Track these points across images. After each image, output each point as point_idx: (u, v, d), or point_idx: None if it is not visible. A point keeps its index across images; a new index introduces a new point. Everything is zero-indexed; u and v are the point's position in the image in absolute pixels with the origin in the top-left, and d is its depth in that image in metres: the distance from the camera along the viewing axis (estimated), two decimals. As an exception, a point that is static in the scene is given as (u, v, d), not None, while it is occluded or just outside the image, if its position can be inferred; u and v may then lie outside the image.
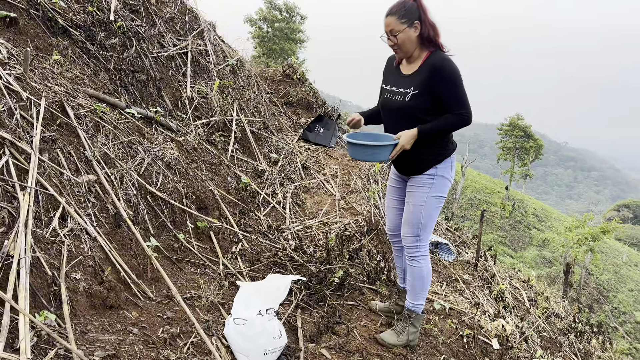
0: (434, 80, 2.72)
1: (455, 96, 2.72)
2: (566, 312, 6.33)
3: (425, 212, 2.93)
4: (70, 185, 2.93)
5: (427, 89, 2.74)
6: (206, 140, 4.87)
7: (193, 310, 2.88)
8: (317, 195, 5.53)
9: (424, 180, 2.92)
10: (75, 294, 2.50)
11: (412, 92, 2.78)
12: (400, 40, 2.73)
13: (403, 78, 2.87)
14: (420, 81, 2.76)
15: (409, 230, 2.99)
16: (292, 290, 3.40)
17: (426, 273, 3.04)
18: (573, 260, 26.45)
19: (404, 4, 2.71)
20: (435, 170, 2.90)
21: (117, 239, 3.00)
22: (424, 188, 2.92)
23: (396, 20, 2.70)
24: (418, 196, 2.94)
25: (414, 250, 3.01)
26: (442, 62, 2.72)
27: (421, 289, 3.08)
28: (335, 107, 8.85)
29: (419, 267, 3.02)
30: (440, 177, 2.92)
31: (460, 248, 6.31)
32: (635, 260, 41.49)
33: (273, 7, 34.52)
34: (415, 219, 2.95)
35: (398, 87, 2.87)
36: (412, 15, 2.70)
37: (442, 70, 2.70)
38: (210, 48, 5.80)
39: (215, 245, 3.76)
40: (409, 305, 3.15)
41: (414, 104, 2.79)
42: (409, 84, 2.81)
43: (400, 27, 2.70)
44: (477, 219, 36.64)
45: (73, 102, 3.41)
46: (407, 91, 2.80)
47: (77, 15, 4.24)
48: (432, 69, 2.72)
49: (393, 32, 2.72)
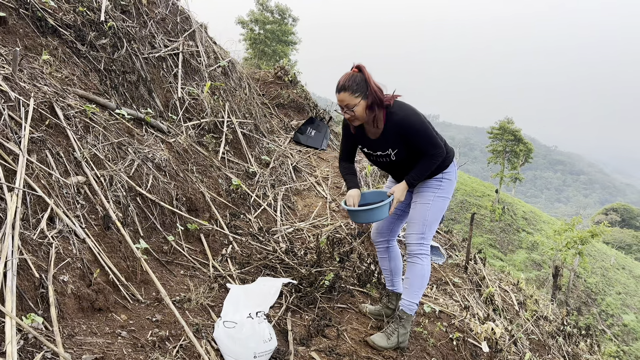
0: (406, 137, 2.88)
1: (426, 142, 2.88)
2: (555, 315, 6.38)
3: (432, 210, 3.05)
4: (59, 187, 2.90)
5: (403, 144, 2.92)
6: (197, 141, 4.85)
7: (182, 313, 2.86)
8: (308, 197, 5.53)
9: (432, 183, 3.08)
10: (63, 296, 2.47)
11: (393, 152, 2.97)
12: (358, 112, 2.83)
13: (375, 142, 3.00)
14: (393, 141, 2.93)
15: (414, 228, 3.07)
16: (283, 293, 3.39)
17: (427, 272, 3.10)
18: (562, 264, 26.66)
19: (352, 78, 2.79)
20: (442, 175, 3.08)
21: (106, 241, 2.97)
22: (432, 189, 3.07)
23: (350, 96, 2.78)
24: (425, 196, 3.07)
25: (417, 248, 3.07)
26: (403, 120, 2.84)
27: (419, 287, 3.13)
28: (326, 109, 8.86)
29: (420, 264, 3.08)
30: (447, 180, 3.09)
31: (451, 251, 6.33)
32: (623, 264, 41.91)
33: (265, 9, 34.51)
34: (422, 217, 3.05)
35: (376, 151, 3.03)
36: (363, 88, 2.80)
37: (408, 127, 2.85)
38: (202, 49, 5.78)
39: (206, 247, 3.75)
40: (404, 304, 3.16)
41: (400, 159, 3.00)
42: (386, 146, 2.97)
43: (355, 101, 2.79)
44: (467, 221, 36.81)
45: (62, 103, 3.38)
46: (387, 153, 2.99)
47: (67, 15, 4.21)
48: (400, 128, 2.87)
49: (349, 106, 2.81)
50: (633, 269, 41.84)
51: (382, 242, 3.37)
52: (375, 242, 3.42)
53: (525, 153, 46.02)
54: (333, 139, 7.96)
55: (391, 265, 3.40)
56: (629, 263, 43.43)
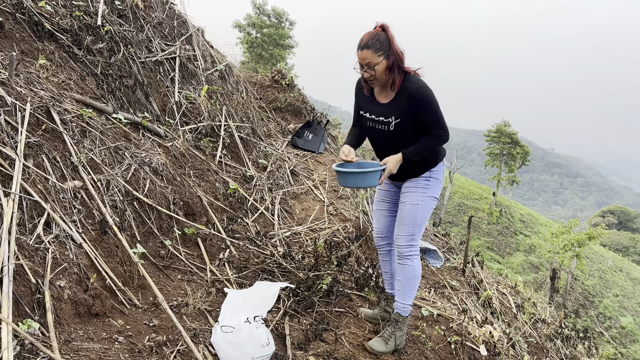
0: (414, 108, 2.83)
1: (434, 120, 2.85)
2: (553, 317, 6.38)
3: (421, 211, 3.03)
4: (55, 192, 2.90)
5: (408, 116, 2.86)
6: (194, 145, 4.85)
7: (180, 317, 2.85)
8: (306, 201, 5.52)
9: (420, 182, 3.05)
10: (60, 302, 2.46)
11: (394, 121, 2.90)
12: (378, 72, 2.78)
13: (381, 107, 2.95)
14: (400, 110, 2.86)
15: (404, 230, 3.05)
16: (280, 297, 3.39)
17: (418, 272, 3.10)
18: (559, 266, 26.69)
19: (376, 36, 2.75)
20: (430, 173, 3.05)
21: (103, 245, 2.97)
22: (421, 189, 3.04)
23: (372, 54, 2.73)
24: (415, 196, 3.03)
25: (407, 250, 3.05)
26: (419, 89, 2.81)
27: (412, 288, 3.13)
28: (324, 113, 8.86)
29: (412, 265, 3.07)
30: (435, 179, 3.07)
31: (448, 254, 6.33)
32: (620, 266, 41.99)
33: (262, 13, 34.55)
34: (412, 217, 3.02)
35: (378, 116, 2.95)
36: (386, 47, 2.75)
37: (421, 98, 2.81)
38: (199, 53, 5.78)
39: (203, 251, 3.74)
40: (398, 307, 3.17)
41: (398, 131, 2.92)
42: (390, 113, 2.90)
43: (377, 60, 2.75)
44: (464, 224, 36.85)
45: (59, 107, 3.37)
46: (389, 120, 2.91)
47: (63, 19, 4.21)
48: (410, 98, 2.82)
49: (370, 64, 2.76)
50: (630, 271, 41.91)
51: (385, 245, 3.36)
52: (378, 246, 3.41)
53: (522, 156, 46.10)
54: (330, 143, 7.96)
55: (392, 268, 3.40)
56: (626, 265, 43.51)
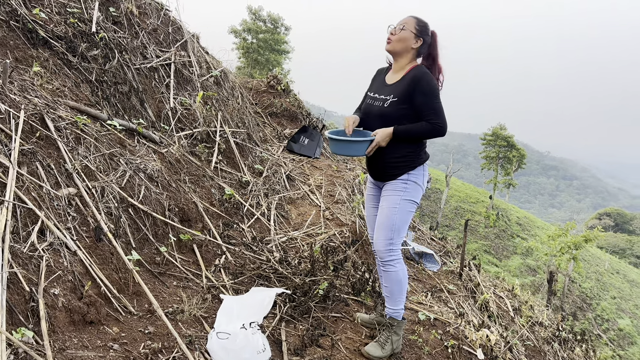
0: (413, 90, 2.88)
1: (431, 106, 2.88)
2: (550, 320, 6.37)
3: (399, 214, 2.99)
4: (49, 199, 2.89)
5: (406, 98, 2.91)
6: (189, 151, 4.84)
7: (175, 324, 2.84)
8: (302, 206, 5.52)
9: (398, 185, 3.02)
10: (54, 309, 2.45)
11: (391, 99, 2.96)
12: (401, 35, 2.92)
13: (386, 86, 3.04)
14: (400, 90, 2.93)
15: (382, 234, 3.02)
16: (277, 303, 3.38)
17: (402, 276, 3.07)
18: (556, 269, 26.72)
19: (426, 24, 2.97)
20: (408, 176, 3.01)
21: (97, 253, 2.95)
22: (398, 192, 3.01)
23: (414, 23, 2.93)
24: (392, 199, 3.01)
25: (387, 255, 3.02)
26: (423, 75, 2.89)
27: (399, 292, 3.11)
28: (319, 118, 8.87)
29: (394, 270, 3.04)
30: (413, 182, 3.02)
31: (445, 258, 6.33)
32: (617, 268, 42.07)
33: (257, 18, 34.65)
34: (390, 221, 2.99)
35: (380, 94, 3.04)
36: (425, 35, 2.95)
37: (422, 82, 2.87)
38: (194, 59, 5.78)
39: (198, 258, 3.73)
40: (390, 313, 3.16)
41: (391, 111, 2.95)
42: (390, 92, 2.98)
43: (411, 28, 2.92)
44: (461, 228, 36.89)
45: (53, 114, 3.36)
46: (386, 98, 2.98)
47: (58, 26, 4.21)
48: (412, 81, 2.90)
49: (403, 25, 2.92)
50: (627, 273, 42.01)
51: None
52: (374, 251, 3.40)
53: (518, 159, 46.24)
54: (326, 147, 7.96)
55: None
56: (623, 267, 43.61)
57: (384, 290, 3.18)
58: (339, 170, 6.88)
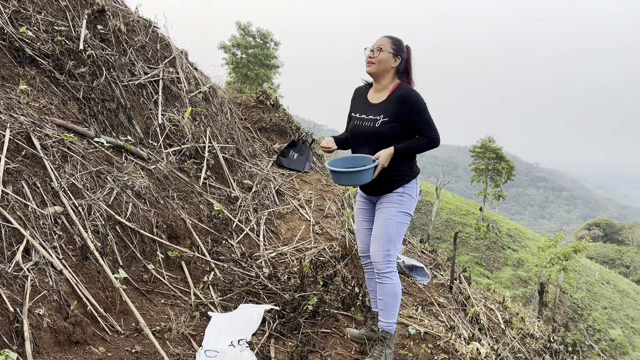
0: (404, 110, 2.96)
1: (425, 122, 2.98)
2: (541, 332, 6.37)
3: (394, 226, 3.04)
4: (35, 218, 2.86)
5: (398, 117, 2.97)
6: (178, 167, 4.83)
7: (163, 343, 2.81)
8: (292, 220, 5.51)
9: (394, 197, 3.07)
10: (39, 330, 2.42)
11: (382, 119, 2.99)
12: (380, 57, 2.99)
13: (372, 107, 3.08)
14: (391, 110, 2.98)
15: (379, 247, 3.05)
16: (265, 320, 3.35)
17: (398, 289, 3.10)
18: (547, 280, 26.80)
19: (400, 41, 3.05)
20: (403, 189, 3.08)
21: (84, 271, 2.93)
22: (394, 204, 3.06)
23: (390, 43, 3.00)
24: (387, 212, 3.06)
25: (384, 267, 3.05)
26: (409, 93, 2.98)
27: (394, 306, 3.12)
28: (309, 132, 8.90)
29: (391, 283, 3.06)
30: (408, 195, 3.09)
31: (435, 271, 6.33)
32: (607, 278, 42.29)
33: (247, 34, 34.84)
34: (386, 233, 3.04)
35: (367, 115, 3.07)
36: (402, 52, 3.03)
37: (411, 101, 2.96)
38: (182, 76, 5.80)
39: (187, 275, 3.70)
40: (383, 326, 3.15)
41: (383, 130, 3.00)
42: (379, 112, 3.02)
43: (387, 49, 2.99)
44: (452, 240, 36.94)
45: (39, 132, 3.35)
46: (377, 118, 3.01)
47: (45, 44, 4.21)
48: (401, 101, 2.97)
49: (380, 47, 2.99)
50: (617, 283, 42.23)
51: (370, 263, 3.33)
52: (364, 264, 3.41)
53: (507, 170, 46.56)
54: (316, 162, 7.98)
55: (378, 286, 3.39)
56: (613, 277, 43.85)
57: (378, 303, 3.17)
58: (329, 185, 6.89)
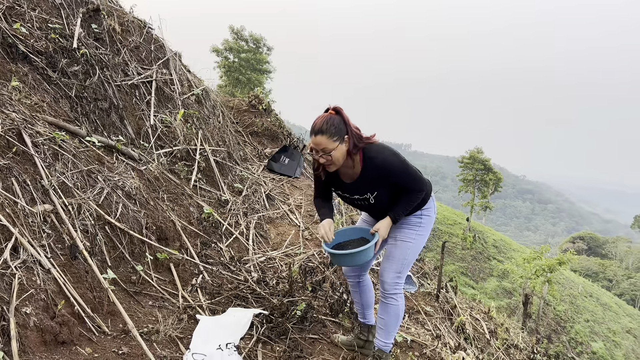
0: (388, 178, 2.76)
1: (411, 180, 2.79)
2: (525, 343, 6.42)
3: (412, 249, 2.94)
4: (24, 215, 2.83)
5: (385, 186, 2.80)
6: (169, 169, 4.81)
7: (150, 345, 2.79)
8: (281, 225, 5.51)
9: (413, 220, 2.95)
10: (25, 329, 2.39)
11: (372, 195, 2.83)
12: (335, 157, 2.66)
13: (352, 185, 2.86)
14: (372, 185, 2.79)
15: (393, 267, 2.94)
16: (254, 324, 3.35)
17: (401, 311, 3.02)
18: (531, 291, 26.99)
19: (331, 120, 2.63)
20: (422, 212, 2.96)
21: (72, 271, 2.90)
22: (414, 227, 2.95)
23: (328, 139, 2.61)
24: (407, 233, 2.94)
25: (393, 288, 2.95)
26: (385, 161, 2.73)
27: (394, 326, 3.06)
28: (300, 138, 8.92)
29: (396, 305, 2.98)
30: (427, 216, 2.99)
31: (422, 279, 6.36)
32: (590, 291, 42.70)
33: (239, 38, 34.84)
34: (402, 254, 2.93)
35: (353, 194, 2.88)
36: (342, 131, 2.65)
37: (391, 168, 2.74)
38: (176, 77, 5.79)
39: (175, 277, 3.68)
40: (380, 345, 3.11)
41: (379, 201, 2.85)
42: (364, 190, 2.83)
43: (333, 145, 2.63)
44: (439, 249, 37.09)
45: (31, 130, 3.32)
46: (366, 196, 2.84)
47: (38, 41, 4.18)
48: (379, 172, 2.74)
49: (326, 150, 2.64)
50: (600, 296, 42.65)
51: (354, 276, 3.26)
52: (348, 277, 3.31)
53: (494, 182, 46.94)
54: (307, 167, 8.00)
55: (363, 300, 3.31)
56: (595, 291, 44.28)
57: (378, 321, 3.11)
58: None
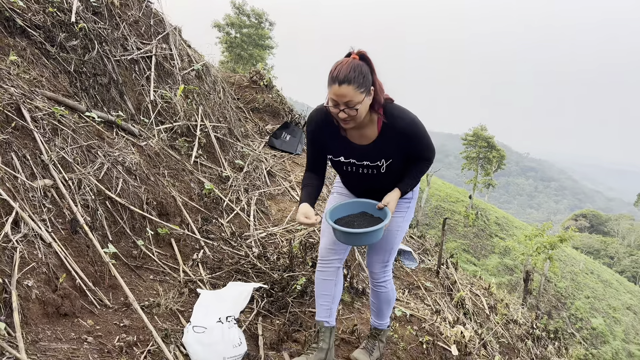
0: (409, 143, 2.46)
1: (428, 147, 2.54)
2: (525, 318, 6.49)
3: (398, 237, 2.79)
4: (24, 190, 2.85)
5: (402, 154, 2.50)
6: (169, 145, 4.81)
7: (151, 318, 2.83)
8: (282, 202, 5.52)
9: (402, 205, 2.74)
10: (27, 301, 2.42)
11: (385, 163, 2.50)
12: (360, 112, 2.28)
13: (362, 149, 2.50)
14: (390, 150, 2.47)
15: (381, 257, 2.84)
16: (254, 298, 3.38)
17: (392, 296, 3.01)
18: (532, 268, 27.17)
19: (359, 68, 2.22)
20: (412, 194, 2.77)
21: (73, 245, 2.92)
22: (401, 212, 2.75)
23: (355, 90, 2.21)
24: (395, 221, 2.72)
25: (382, 277, 2.91)
26: (411, 125, 2.43)
27: (387, 309, 3.07)
28: (302, 114, 8.87)
29: (386, 291, 2.96)
30: (413, 198, 2.81)
31: (423, 255, 6.40)
32: (592, 268, 42.95)
33: (241, 13, 34.43)
34: (389, 244, 2.78)
35: (360, 160, 2.52)
36: (369, 82, 2.28)
37: (415, 134, 2.45)
38: (176, 52, 5.74)
39: (176, 252, 3.71)
40: (375, 325, 3.13)
41: (389, 172, 2.55)
42: (377, 156, 2.49)
43: (360, 98, 2.23)
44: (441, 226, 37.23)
45: (30, 105, 3.31)
46: (378, 164, 2.50)
47: (36, 15, 4.14)
48: (403, 135, 2.43)
49: (350, 104, 2.23)
50: (601, 273, 42.93)
51: (335, 260, 2.80)
52: (327, 261, 2.80)
53: (498, 160, 46.87)
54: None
55: (335, 290, 2.85)
56: (597, 268, 44.56)
57: (371, 306, 3.12)
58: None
